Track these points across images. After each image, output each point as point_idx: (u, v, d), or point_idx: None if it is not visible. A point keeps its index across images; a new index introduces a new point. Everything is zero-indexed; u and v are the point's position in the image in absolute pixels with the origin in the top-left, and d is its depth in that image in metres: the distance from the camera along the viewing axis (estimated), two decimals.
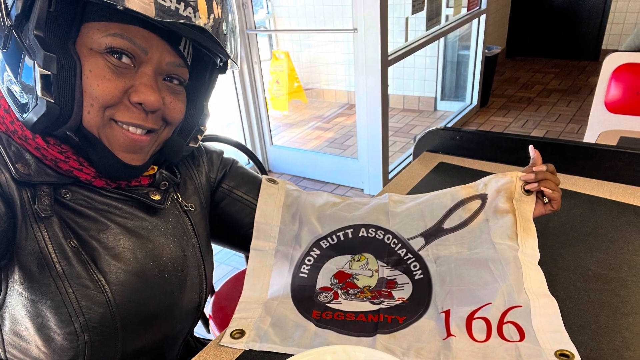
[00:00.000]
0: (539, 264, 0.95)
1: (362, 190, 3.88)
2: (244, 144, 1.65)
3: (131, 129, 0.79)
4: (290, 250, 1.05)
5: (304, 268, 1.03)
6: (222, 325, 1.58)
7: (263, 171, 1.61)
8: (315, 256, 1.04)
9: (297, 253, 1.05)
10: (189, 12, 0.72)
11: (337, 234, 1.06)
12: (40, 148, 0.76)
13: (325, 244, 1.05)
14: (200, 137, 0.95)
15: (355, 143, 4.24)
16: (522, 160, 1.06)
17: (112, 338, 0.82)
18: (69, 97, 0.72)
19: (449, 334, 0.85)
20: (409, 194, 1.24)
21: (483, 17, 4.83)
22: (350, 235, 1.06)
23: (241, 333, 0.89)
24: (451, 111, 5.37)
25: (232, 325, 0.92)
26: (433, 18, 4.01)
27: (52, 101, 0.71)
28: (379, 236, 1.06)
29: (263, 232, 1.05)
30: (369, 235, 1.05)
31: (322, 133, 5.11)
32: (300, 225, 1.07)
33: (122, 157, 0.80)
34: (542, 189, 0.98)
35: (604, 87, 2.81)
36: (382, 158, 3.61)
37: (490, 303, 0.88)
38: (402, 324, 0.90)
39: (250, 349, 0.86)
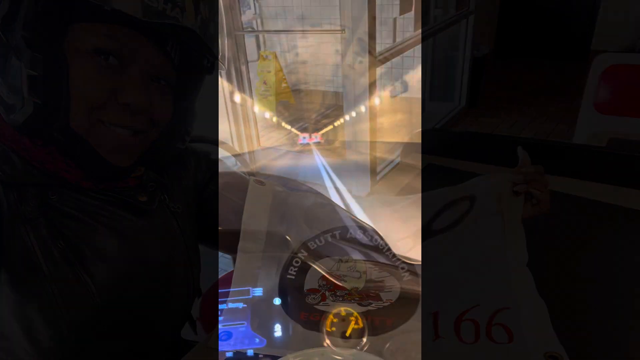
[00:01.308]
0: (527, 265, 0.96)
1: (350, 191, 3.86)
2: (231, 144, 1.64)
3: (118, 130, 0.78)
4: (278, 252, 1.05)
5: (291, 270, 1.02)
6: (210, 327, 1.57)
7: (250, 172, 1.60)
8: (303, 258, 1.04)
9: (284, 255, 1.04)
10: (177, 13, 0.71)
11: (325, 236, 1.06)
12: (27, 149, 0.76)
13: (313, 246, 1.05)
14: (187, 138, 0.94)
15: (343, 144, 4.23)
16: (511, 162, 1.06)
17: (98, 339, 0.82)
18: (56, 98, 0.72)
19: (437, 336, 0.85)
20: (397, 195, 1.23)
21: (472, 18, 4.84)
22: (338, 237, 1.05)
23: (228, 335, 0.89)
24: (440, 112, 5.37)
25: (220, 327, 0.91)
26: (421, 18, 4.01)
27: (39, 102, 0.70)
28: (367, 237, 1.05)
29: (250, 233, 1.05)
30: (357, 236, 1.05)
31: (310, 134, 5.10)
32: (288, 226, 1.07)
33: (110, 158, 0.79)
34: (530, 190, 0.98)
35: (593, 88, 2.82)
36: (370, 159, 3.61)
37: (479, 305, 0.88)
38: (390, 326, 0.90)
39: (237, 351, 0.86)
